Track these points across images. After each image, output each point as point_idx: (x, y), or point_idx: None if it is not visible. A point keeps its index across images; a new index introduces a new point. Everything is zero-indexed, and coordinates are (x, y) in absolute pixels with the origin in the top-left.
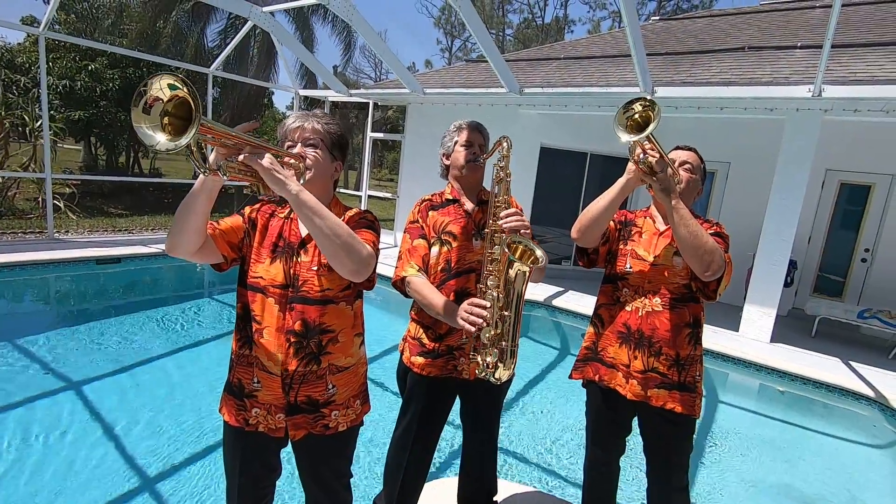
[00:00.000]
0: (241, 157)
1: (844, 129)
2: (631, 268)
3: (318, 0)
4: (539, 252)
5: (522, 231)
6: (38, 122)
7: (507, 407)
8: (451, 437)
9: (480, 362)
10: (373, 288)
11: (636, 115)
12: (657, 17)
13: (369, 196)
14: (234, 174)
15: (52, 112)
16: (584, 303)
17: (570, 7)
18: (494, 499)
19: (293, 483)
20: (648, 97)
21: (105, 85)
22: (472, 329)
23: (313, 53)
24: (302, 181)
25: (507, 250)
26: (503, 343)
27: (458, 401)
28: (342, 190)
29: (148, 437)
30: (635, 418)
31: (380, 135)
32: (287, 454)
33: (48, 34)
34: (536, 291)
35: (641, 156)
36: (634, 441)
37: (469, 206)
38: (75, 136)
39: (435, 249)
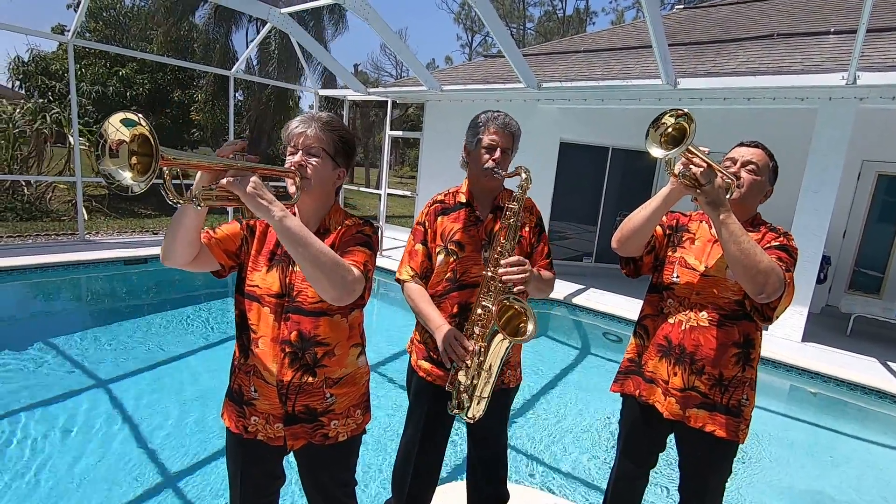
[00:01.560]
0: (222, 181)
1: (882, 117)
2: (678, 277)
3: (333, 0)
4: (531, 325)
5: (518, 288)
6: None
7: (524, 409)
8: (465, 438)
9: (453, 400)
10: (365, 305)
11: (669, 129)
12: (681, 6)
13: (388, 194)
14: (211, 202)
15: (86, 118)
16: (605, 301)
17: None
18: None
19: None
20: (684, 109)
21: (135, 90)
22: (448, 364)
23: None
24: (298, 195)
25: (495, 312)
26: (476, 393)
27: None
28: (362, 189)
29: (172, 436)
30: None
31: (398, 133)
32: (291, 463)
33: (77, 42)
34: (556, 289)
35: (681, 168)
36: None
37: (481, 212)
38: None
39: (441, 257)
